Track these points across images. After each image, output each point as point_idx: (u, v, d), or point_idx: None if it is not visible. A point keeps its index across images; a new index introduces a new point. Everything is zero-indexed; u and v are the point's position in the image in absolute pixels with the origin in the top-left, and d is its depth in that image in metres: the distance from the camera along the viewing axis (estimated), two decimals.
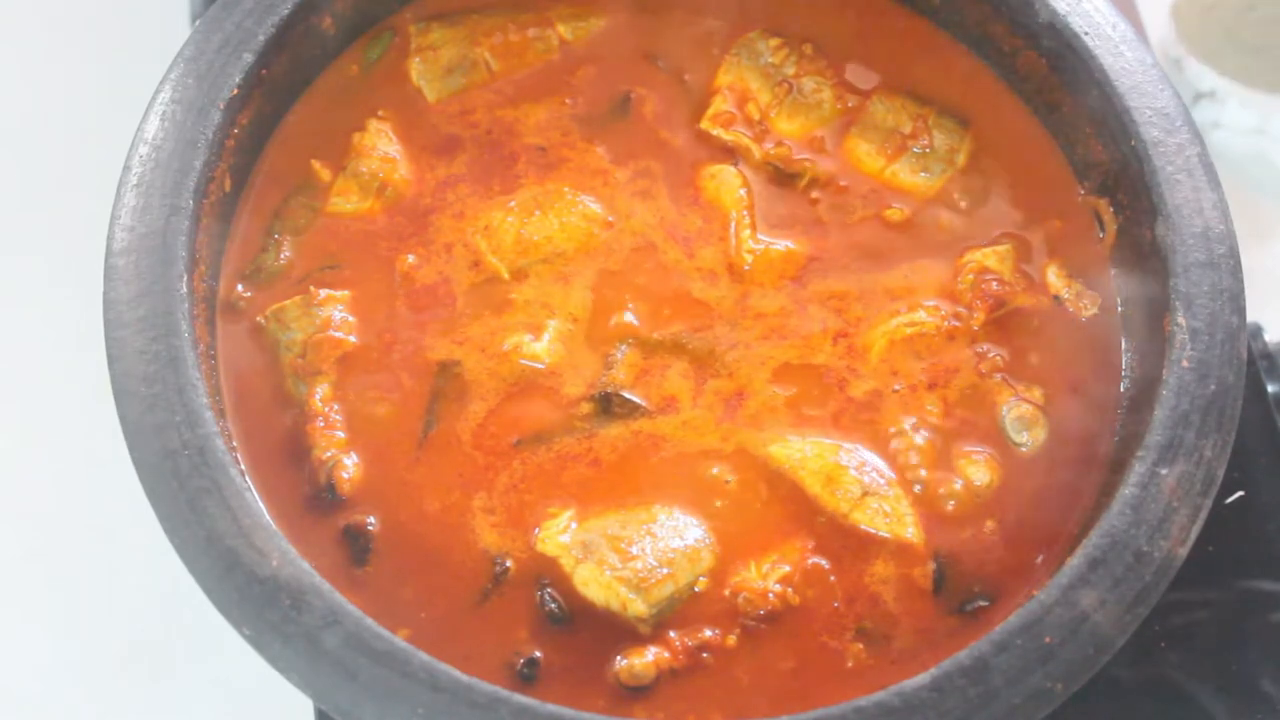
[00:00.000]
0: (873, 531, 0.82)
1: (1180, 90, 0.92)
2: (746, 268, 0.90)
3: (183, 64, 0.88)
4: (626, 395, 0.86)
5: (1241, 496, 0.98)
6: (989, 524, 0.83)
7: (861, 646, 0.79)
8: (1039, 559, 0.82)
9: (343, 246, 0.90)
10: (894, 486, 0.83)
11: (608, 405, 0.85)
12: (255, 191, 0.92)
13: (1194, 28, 0.71)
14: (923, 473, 0.84)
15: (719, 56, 0.98)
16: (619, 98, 0.97)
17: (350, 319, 0.87)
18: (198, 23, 0.90)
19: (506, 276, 0.90)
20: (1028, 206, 0.94)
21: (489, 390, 0.86)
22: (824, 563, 0.81)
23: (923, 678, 0.71)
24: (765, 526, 0.82)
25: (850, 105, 0.97)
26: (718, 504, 0.83)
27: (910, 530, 0.82)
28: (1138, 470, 0.78)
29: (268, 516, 0.76)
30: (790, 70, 0.97)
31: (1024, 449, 0.86)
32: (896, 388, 0.87)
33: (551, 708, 0.70)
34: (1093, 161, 0.93)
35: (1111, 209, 0.92)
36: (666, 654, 0.78)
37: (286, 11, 0.90)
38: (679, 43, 0.99)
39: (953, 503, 0.83)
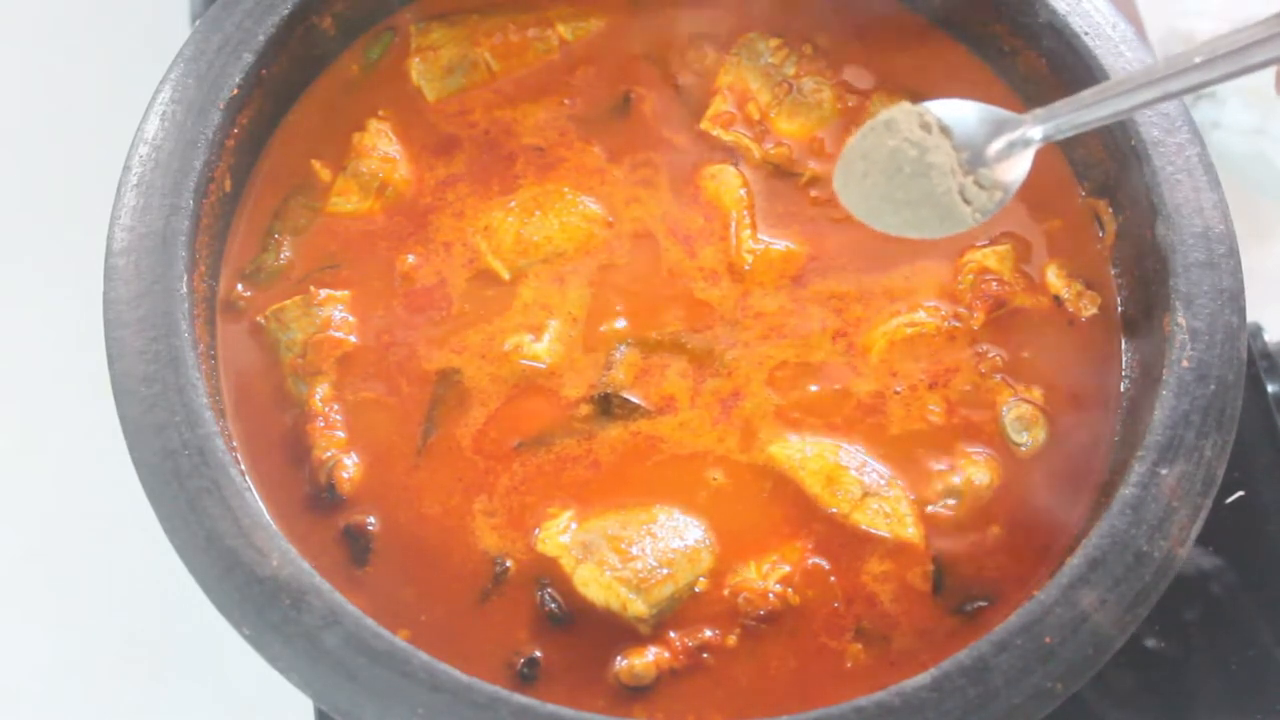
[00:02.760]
0: (873, 532, 0.82)
1: None
2: (747, 268, 0.90)
3: (183, 64, 0.88)
4: (626, 396, 0.86)
5: (1241, 496, 0.98)
6: (989, 524, 0.83)
7: (861, 647, 0.79)
8: (1039, 559, 0.82)
9: (343, 246, 0.90)
10: (894, 487, 0.83)
11: (607, 406, 0.85)
12: (255, 191, 0.92)
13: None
14: (923, 473, 0.84)
15: (719, 57, 0.98)
16: (619, 98, 0.97)
17: (350, 319, 0.87)
18: (198, 23, 0.90)
19: (506, 277, 0.90)
20: (1028, 206, 0.94)
21: (489, 395, 0.86)
22: (824, 563, 0.81)
23: (923, 678, 0.71)
24: (765, 527, 0.82)
25: (850, 105, 0.97)
26: (717, 504, 0.83)
27: (910, 530, 0.82)
28: (1138, 470, 0.78)
29: (268, 516, 0.76)
30: (790, 70, 0.97)
31: (1024, 449, 0.86)
32: (897, 389, 0.87)
33: (551, 708, 0.70)
34: (1093, 161, 0.93)
35: (1111, 209, 0.92)
36: (666, 654, 0.78)
37: (286, 11, 0.90)
38: (679, 43, 0.99)
39: (953, 503, 0.84)
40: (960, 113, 0.78)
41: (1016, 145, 0.77)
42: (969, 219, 0.77)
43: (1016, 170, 0.78)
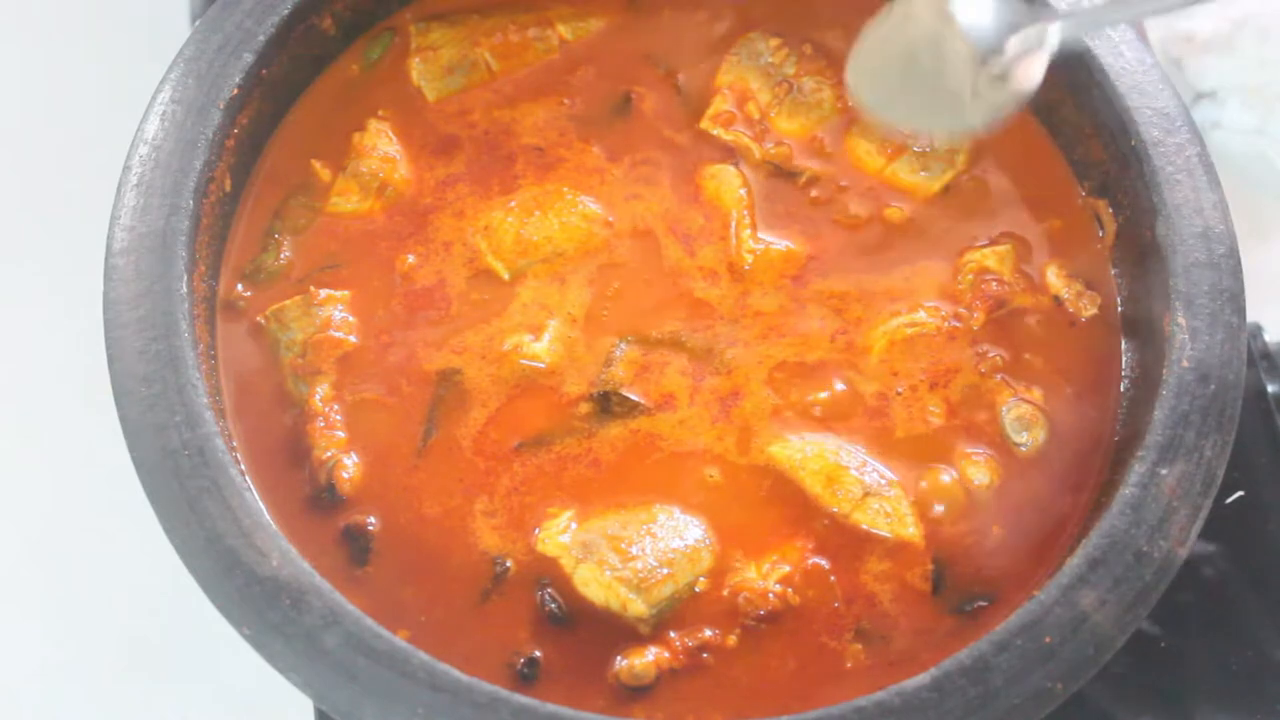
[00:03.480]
0: (873, 531, 0.82)
1: (1180, 90, 0.92)
2: (747, 267, 0.90)
3: (183, 64, 0.88)
4: (625, 394, 0.86)
5: (1241, 496, 0.98)
6: (989, 524, 0.83)
7: (861, 647, 0.79)
8: (1039, 559, 0.82)
9: (343, 246, 0.90)
10: (895, 486, 0.83)
11: (606, 404, 0.85)
12: (255, 191, 0.92)
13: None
14: (923, 473, 0.84)
15: (719, 56, 0.98)
16: (619, 98, 0.97)
17: (350, 319, 0.87)
18: (198, 23, 0.90)
19: (506, 277, 0.90)
20: (1028, 206, 0.94)
21: (490, 395, 0.86)
22: (824, 563, 0.81)
23: (923, 678, 0.71)
24: (765, 526, 0.82)
25: (850, 104, 0.97)
26: (717, 504, 0.83)
27: (911, 530, 0.82)
28: (1138, 470, 0.78)
29: (268, 516, 0.76)
30: (790, 70, 0.97)
31: (1024, 449, 0.86)
32: (899, 389, 0.87)
33: (551, 708, 0.70)
34: (1093, 161, 0.93)
35: (1111, 209, 0.92)
36: (666, 654, 0.78)
37: (286, 11, 0.90)
38: (679, 43, 0.99)
39: (953, 503, 0.83)
40: (980, 7, 0.76)
41: (1033, 45, 0.75)
42: (980, 116, 0.77)
43: (1031, 73, 0.76)
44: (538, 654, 0.78)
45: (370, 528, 0.81)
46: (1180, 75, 1.21)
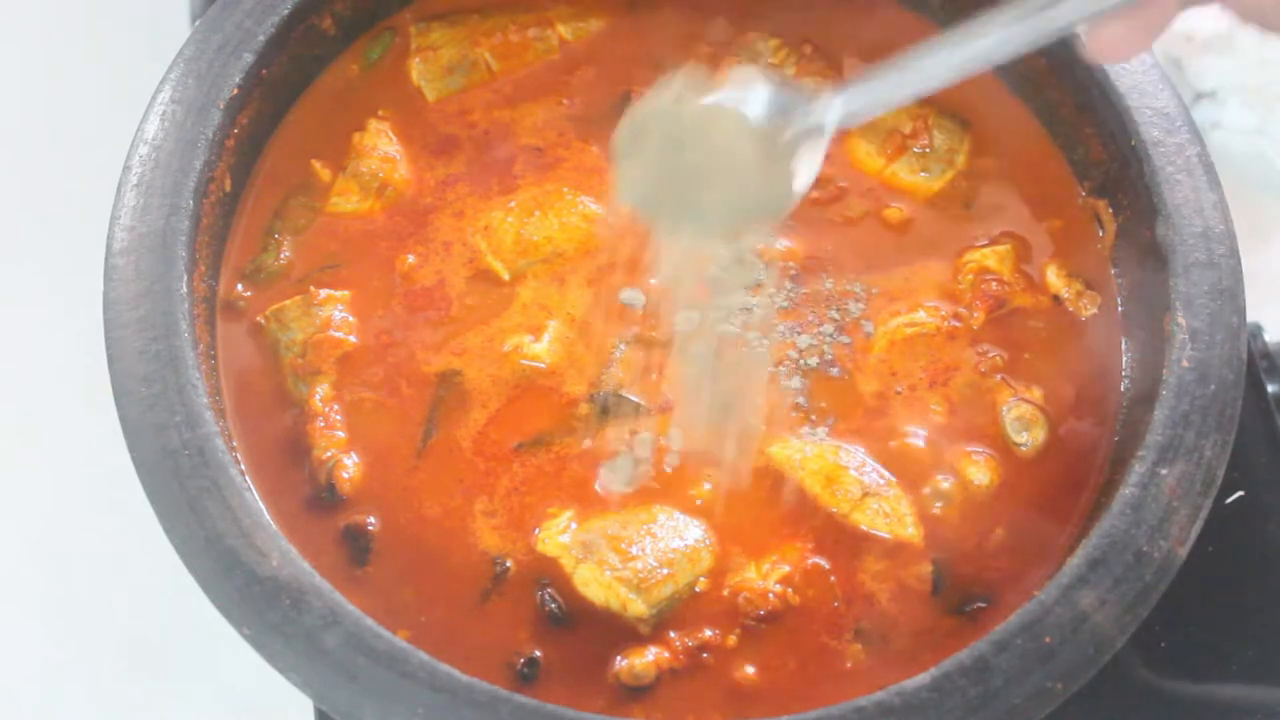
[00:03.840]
0: (873, 532, 0.82)
1: (1180, 90, 0.92)
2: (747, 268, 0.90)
3: (183, 64, 0.88)
4: (625, 395, 0.86)
5: (1241, 496, 0.98)
6: (988, 524, 0.83)
7: (861, 647, 0.79)
8: (1039, 559, 0.82)
9: (343, 246, 0.90)
10: (894, 487, 0.83)
11: (606, 406, 0.85)
12: (255, 191, 0.92)
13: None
14: (922, 473, 0.84)
15: (719, 57, 0.98)
16: (619, 98, 0.97)
17: (350, 319, 0.87)
18: (198, 23, 0.90)
19: (507, 277, 0.90)
20: (1027, 206, 0.94)
21: (489, 396, 0.86)
22: (824, 563, 0.81)
23: (923, 678, 0.71)
24: (765, 527, 0.82)
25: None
26: (717, 504, 0.83)
27: (910, 530, 0.82)
28: (1138, 470, 0.78)
29: (268, 516, 0.76)
30: (790, 70, 0.97)
31: (1024, 449, 0.85)
32: (899, 389, 0.87)
33: (551, 708, 0.70)
34: (1093, 161, 0.93)
35: (1111, 209, 0.92)
36: (666, 654, 0.78)
37: (286, 11, 0.90)
38: (679, 43, 0.99)
39: (953, 503, 0.83)
40: (750, 101, 0.72)
41: (812, 133, 0.72)
42: (768, 217, 0.75)
43: (814, 158, 0.73)
44: (538, 654, 0.78)
45: (370, 528, 0.81)
46: (1180, 75, 1.21)
